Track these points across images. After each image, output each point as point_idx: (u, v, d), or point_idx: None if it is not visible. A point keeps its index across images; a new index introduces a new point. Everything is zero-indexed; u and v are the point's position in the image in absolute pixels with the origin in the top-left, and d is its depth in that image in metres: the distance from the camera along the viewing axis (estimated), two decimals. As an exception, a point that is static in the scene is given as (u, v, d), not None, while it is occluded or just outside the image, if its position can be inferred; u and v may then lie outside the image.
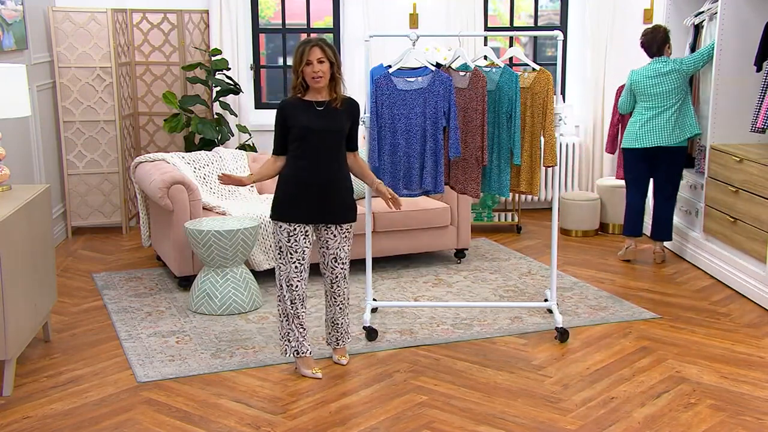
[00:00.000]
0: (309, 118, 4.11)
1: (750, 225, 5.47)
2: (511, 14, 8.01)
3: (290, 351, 4.32)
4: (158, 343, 4.76)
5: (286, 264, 4.18)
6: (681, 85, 6.07)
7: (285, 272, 4.19)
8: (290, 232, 4.15)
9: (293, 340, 4.30)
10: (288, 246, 4.16)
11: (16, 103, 4.54)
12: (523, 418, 3.85)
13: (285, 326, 4.29)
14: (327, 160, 4.16)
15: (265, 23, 7.94)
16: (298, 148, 4.14)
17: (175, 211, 5.58)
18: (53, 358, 4.57)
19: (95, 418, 3.85)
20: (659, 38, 6.11)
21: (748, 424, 3.79)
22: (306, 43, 4.08)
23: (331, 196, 4.19)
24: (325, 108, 4.15)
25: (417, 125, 4.71)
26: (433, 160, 4.72)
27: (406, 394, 4.10)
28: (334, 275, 4.32)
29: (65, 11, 6.93)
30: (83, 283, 5.92)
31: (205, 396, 4.08)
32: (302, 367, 4.33)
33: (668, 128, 6.07)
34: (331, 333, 4.48)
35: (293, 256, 4.17)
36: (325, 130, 4.12)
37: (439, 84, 4.67)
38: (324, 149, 4.14)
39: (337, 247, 4.27)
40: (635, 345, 4.73)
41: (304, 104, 4.15)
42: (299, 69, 4.08)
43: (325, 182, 4.16)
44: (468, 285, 5.84)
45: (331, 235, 4.25)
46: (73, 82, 7.00)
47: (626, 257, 6.42)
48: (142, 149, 7.59)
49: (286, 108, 4.15)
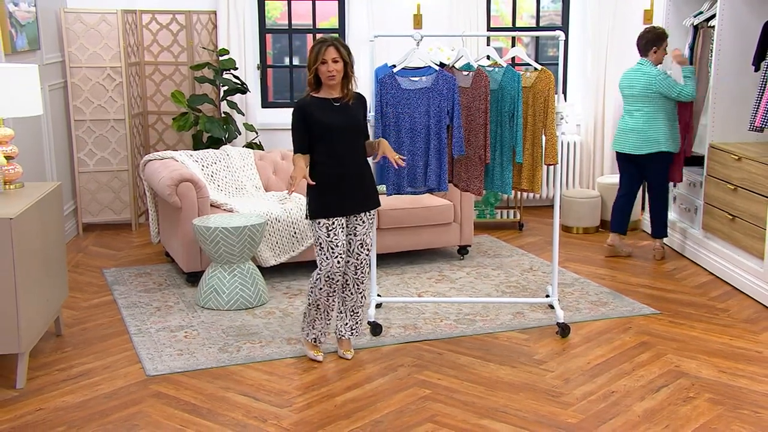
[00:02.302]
0: (328, 115, 4.23)
1: (748, 222, 5.52)
2: (513, 15, 8.05)
3: (311, 336, 4.50)
4: (167, 337, 4.83)
5: (329, 259, 4.29)
6: (651, 95, 6.06)
7: (326, 267, 4.30)
8: (329, 227, 4.27)
9: (317, 328, 4.48)
10: (328, 241, 4.27)
11: (28, 103, 4.60)
12: (524, 411, 3.90)
13: (313, 314, 4.44)
14: (350, 154, 4.31)
15: (271, 24, 8.00)
16: (322, 146, 4.25)
17: (183, 208, 5.65)
18: (65, 352, 4.63)
19: (105, 411, 3.92)
20: (646, 39, 6.16)
21: (746, 418, 3.84)
22: (322, 42, 4.19)
23: (360, 187, 4.35)
24: (341, 104, 4.27)
25: (421, 124, 4.76)
26: (437, 159, 4.78)
27: (410, 388, 4.15)
28: (359, 261, 4.43)
29: (76, 12, 7.00)
30: (94, 278, 5.98)
31: (212, 389, 4.14)
32: (308, 348, 4.52)
33: (633, 137, 6.14)
34: (348, 323, 4.55)
35: (335, 251, 4.28)
36: (345, 126, 4.26)
37: (443, 83, 4.72)
38: (346, 144, 4.29)
39: (364, 233, 4.39)
40: (635, 340, 4.78)
41: (320, 102, 4.26)
42: (314, 66, 4.19)
43: (353, 174, 4.32)
44: (471, 281, 5.90)
45: (360, 222, 4.38)
46: (84, 81, 7.08)
47: (605, 253, 6.51)
48: (151, 147, 7.65)
49: (306, 107, 4.25)
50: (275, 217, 5.78)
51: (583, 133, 8.03)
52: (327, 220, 4.27)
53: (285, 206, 5.92)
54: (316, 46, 4.19)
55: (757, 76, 5.83)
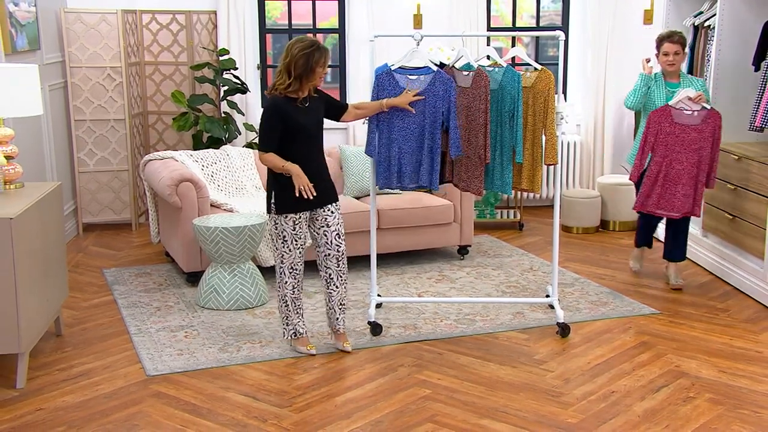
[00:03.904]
0: (300, 116, 4.35)
1: (748, 222, 5.53)
2: (513, 15, 8.06)
3: (288, 333, 4.57)
4: (167, 337, 4.83)
5: (291, 251, 4.44)
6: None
7: (289, 259, 4.44)
8: (295, 221, 4.40)
9: (291, 323, 4.56)
10: (293, 234, 4.41)
11: (28, 103, 4.61)
12: (525, 411, 3.91)
13: (284, 311, 4.54)
14: (315, 150, 4.46)
15: (271, 24, 8.00)
16: (290, 144, 4.35)
17: (183, 208, 5.65)
18: (65, 352, 4.64)
19: (106, 411, 3.92)
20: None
21: (746, 418, 3.84)
22: (324, 49, 4.30)
23: (324, 180, 4.47)
24: (308, 104, 4.40)
25: (415, 123, 4.76)
26: (430, 158, 4.77)
27: (410, 388, 4.16)
28: (339, 252, 4.53)
29: (77, 12, 7.01)
30: (94, 278, 5.99)
31: (212, 389, 4.15)
32: (297, 345, 4.58)
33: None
34: (339, 316, 4.63)
35: (297, 243, 4.44)
36: (311, 125, 4.41)
37: (439, 84, 4.72)
38: (311, 142, 4.43)
39: (337, 224, 4.51)
40: (635, 340, 4.79)
41: (290, 101, 4.35)
42: (310, 68, 4.26)
43: (317, 169, 4.43)
44: (471, 281, 5.91)
45: (329, 213, 4.49)
46: (84, 81, 7.09)
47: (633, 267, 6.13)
48: (151, 147, 7.66)
49: (282, 106, 4.32)
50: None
51: (583, 133, 8.04)
52: (294, 214, 4.38)
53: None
54: (317, 51, 4.26)
55: (757, 76, 5.84)
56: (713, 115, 5.41)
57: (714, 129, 5.41)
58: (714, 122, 5.40)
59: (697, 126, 5.39)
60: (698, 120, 5.40)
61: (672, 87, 5.64)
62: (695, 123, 5.41)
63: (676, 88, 5.61)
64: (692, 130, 5.40)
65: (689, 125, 5.41)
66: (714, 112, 5.42)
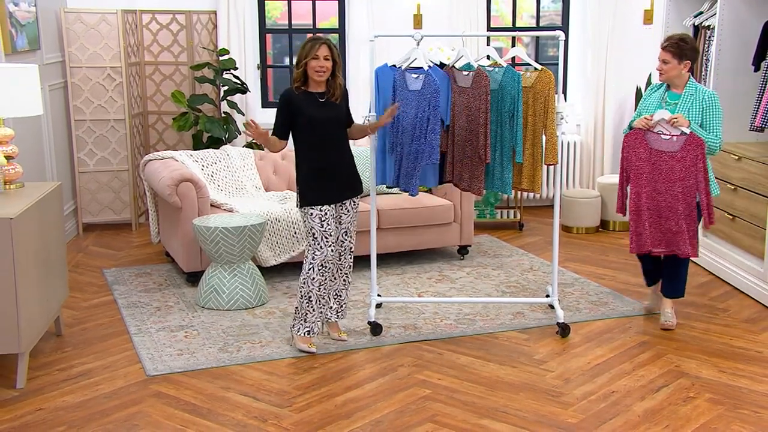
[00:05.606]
0: (313, 108, 4.43)
1: (748, 222, 5.53)
2: (513, 15, 8.06)
3: (303, 330, 4.56)
4: (167, 337, 4.83)
5: (322, 249, 4.46)
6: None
7: (320, 257, 4.46)
8: (321, 217, 4.44)
9: (310, 321, 4.54)
10: (322, 231, 4.44)
11: (28, 103, 4.61)
12: (525, 411, 3.91)
13: (305, 308, 4.52)
14: (334, 145, 4.52)
15: (271, 24, 8.00)
16: (307, 138, 4.46)
17: (183, 208, 5.65)
18: (65, 352, 4.64)
19: (106, 411, 3.93)
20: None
21: (746, 418, 3.85)
22: (316, 39, 4.41)
23: (345, 175, 4.55)
24: (326, 99, 4.46)
25: (409, 126, 4.77)
26: (415, 161, 4.77)
27: (410, 388, 4.16)
28: (344, 248, 4.62)
29: (77, 12, 7.01)
30: (94, 278, 5.99)
31: (212, 389, 4.15)
32: (300, 342, 4.58)
33: None
34: (333, 306, 4.71)
35: (328, 240, 4.46)
36: (327, 120, 4.46)
37: (427, 87, 4.72)
38: (329, 136, 4.49)
39: (349, 222, 4.60)
40: (635, 340, 4.79)
41: (306, 96, 4.45)
42: (304, 61, 4.39)
43: (337, 164, 4.51)
44: (471, 281, 5.91)
45: (345, 211, 4.57)
46: (84, 81, 7.09)
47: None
48: (152, 147, 7.66)
49: (292, 98, 4.46)
50: (275, 217, 5.79)
51: (583, 133, 8.04)
52: (320, 211, 4.44)
53: (285, 206, 5.93)
54: (309, 43, 4.40)
55: (757, 76, 5.84)
56: (694, 140, 4.67)
57: (695, 158, 4.68)
58: (695, 150, 4.67)
59: (675, 153, 4.68)
60: (677, 147, 4.67)
61: (673, 98, 4.90)
62: (673, 150, 4.70)
63: (675, 100, 4.88)
64: (670, 158, 4.71)
65: (666, 152, 4.71)
66: (695, 137, 4.68)
